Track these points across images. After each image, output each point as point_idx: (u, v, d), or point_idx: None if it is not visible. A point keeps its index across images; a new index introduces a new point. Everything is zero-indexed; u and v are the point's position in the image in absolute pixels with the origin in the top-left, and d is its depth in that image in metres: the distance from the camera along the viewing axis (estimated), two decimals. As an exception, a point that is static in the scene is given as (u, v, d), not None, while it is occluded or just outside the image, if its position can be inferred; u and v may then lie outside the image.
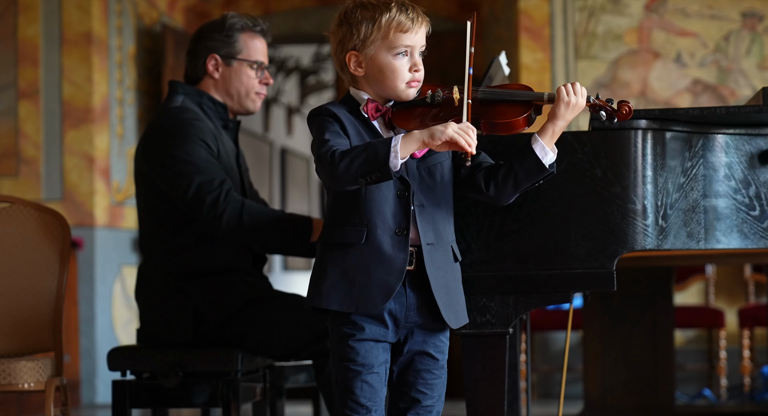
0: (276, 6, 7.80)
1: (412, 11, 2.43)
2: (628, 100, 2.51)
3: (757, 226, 2.80)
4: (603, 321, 5.20)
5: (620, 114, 2.49)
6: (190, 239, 3.37)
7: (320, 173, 2.40)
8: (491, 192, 2.47)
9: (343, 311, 2.41)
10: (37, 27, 6.55)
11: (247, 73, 3.50)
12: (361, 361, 2.41)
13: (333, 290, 2.41)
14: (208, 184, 3.28)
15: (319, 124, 2.44)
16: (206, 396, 3.31)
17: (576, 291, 2.69)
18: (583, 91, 2.48)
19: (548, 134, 2.45)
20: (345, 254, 2.41)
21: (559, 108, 2.45)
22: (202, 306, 3.34)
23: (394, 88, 2.44)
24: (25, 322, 3.41)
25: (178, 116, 3.40)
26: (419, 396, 2.48)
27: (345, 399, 2.43)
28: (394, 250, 2.40)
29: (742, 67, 6.54)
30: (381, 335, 2.43)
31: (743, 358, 6.16)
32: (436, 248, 2.44)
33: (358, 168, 2.32)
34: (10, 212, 3.46)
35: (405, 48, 2.42)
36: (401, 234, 2.41)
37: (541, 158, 2.44)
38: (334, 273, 2.42)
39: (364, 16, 2.42)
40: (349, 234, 2.40)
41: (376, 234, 2.40)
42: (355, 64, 2.45)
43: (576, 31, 6.58)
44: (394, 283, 2.39)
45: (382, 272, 2.39)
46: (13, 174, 6.53)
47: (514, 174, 2.45)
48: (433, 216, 2.45)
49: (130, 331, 6.73)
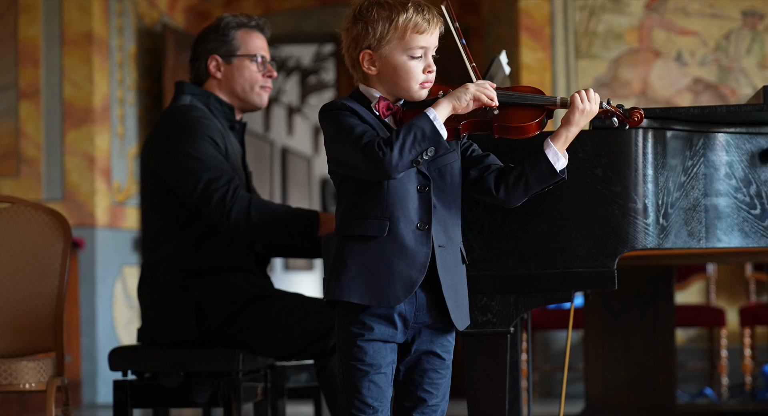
0: (276, 5, 7.80)
1: (428, 12, 2.43)
2: (639, 107, 2.51)
3: (758, 225, 2.80)
4: (604, 320, 5.20)
5: (632, 121, 2.50)
6: (194, 236, 3.38)
7: (363, 167, 2.36)
8: (501, 195, 2.47)
9: (363, 303, 2.39)
10: (37, 27, 6.55)
11: (248, 68, 3.51)
12: (369, 361, 2.41)
13: (354, 283, 2.39)
14: (216, 181, 3.29)
15: (337, 118, 2.41)
16: (207, 396, 3.31)
17: (577, 290, 2.69)
18: (597, 98, 2.48)
19: (561, 140, 2.46)
20: (366, 247, 2.39)
21: (573, 115, 2.46)
22: (205, 304, 3.34)
23: (408, 88, 2.44)
24: (27, 322, 3.41)
25: (187, 114, 3.41)
26: (425, 396, 2.48)
27: (351, 398, 2.42)
28: (416, 244, 2.40)
29: (743, 66, 6.53)
30: (390, 335, 2.42)
31: (744, 357, 6.16)
32: (447, 250, 2.44)
33: (411, 150, 2.32)
34: (11, 213, 3.47)
35: (420, 49, 2.42)
36: (423, 229, 2.40)
37: (553, 163, 2.44)
38: (355, 266, 2.39)
39: (380, 14, 2.41)
40: (372, 227, 2.39)
41: (398, 228, 2.39)
42: (368, 63, 2.44)
43: (576, 30, 6.58)
44: (416, 277, 2.39)
45: (404, 266, 2.38)
46: (14, 174, 6.53)
47: (526, 178, 2.45)
48: (444, 218, 2.45)
49: (131, 331, 6.73)
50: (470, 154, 2.53)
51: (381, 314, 2.41)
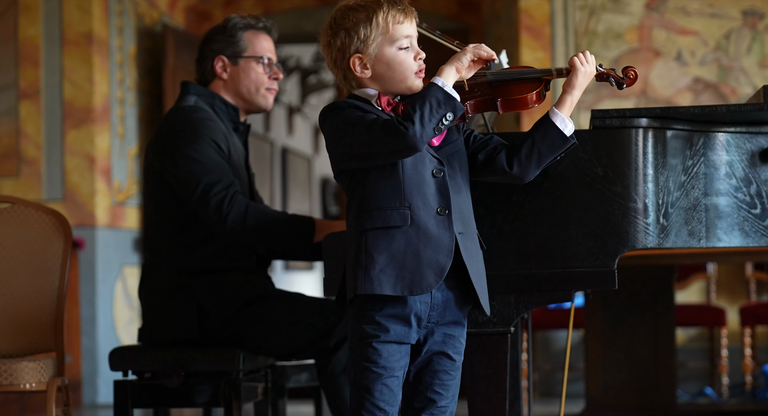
0: (276, 5, 7.80)
1: (400, 2, 2.45)
2: (633, 66, 2.57)
3: (758, 224, 2.80)
4: (604, 320, 5.20)
5: (627, 80, 2.56)
6: (196, 236, 3.38)
7: (384, 148, 2.35)
8: (515, 170, 2.49)
9: (396, 294, 2.36)
10: (37, 27, 6.55)
11: (255, 70, 3.51)
12: (384, 364, 2.39)
13: (383, 275, 2.36)
14: (215, 185, 3.28)
15: (342, 113, 2.41)
16: (208, 396, 3.31)
17: (577, 290, 2.69)
18: (593, 59, 2.53)
19: (566, 105, 2.49)
20: (391, 238, 2.38)
21: (576, 77, 2.49)
22: (206, 304, 3.34)
23: (404, 79, 2.44)
24: (27, 322, 3.41)
25: (191, 115, 3.41)
26: (435, 397, 2.47)
27: (362, 400, 2.40)
28: (439, 229, 2.39)
29: (743, 66, 6.54)
30: (404, 335, 2.40)
31: (745, 356, 6.16)
32: (466, 237, 2.44)
33: (431, 119, 2.33)
34: (11, 213, 3.47)
35: (406, 38, 2.43)
36: (443, 214, 2.40)
37: (562, 129, 2.47)
38: (382, 258, 2.37)
39: (358, 18, 2.42)
40: (393, 217, 2.38)
41: (420, 215, 2.38)
42: (360, 66, 2.44)
43: (577, 29, 6.58)
44: (445, 262, 2.38)
45: (432, 252, 2.38)
46: (14, 174, 6.53)
47: (538, 149, 2.47)
48: (459, 205, 2.44)
49: (131, 331, 6.73)
50: (473, 140, 2.55)
51: (396, 313, 2.39)
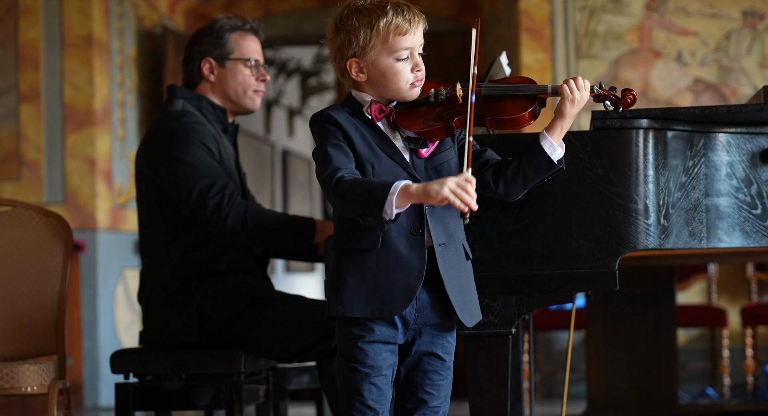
0: (277, 7, 7.80)
1: (408, 11, 2.41)
2: (631, 88, 2.53)
3: (759, 225, 2.80)
4: (606, 321, 5.20)
5: (625, 102, 2.52)
6: (193, 240, 3.38)
7: (322, 186, 2.39)
8: (500, 189, 2.47)
9: (366, 317, 2.38)
10: (37, 30, 6.56)
11: (242, 72, 3.51)
12: (370, 363, 2.40)
13: (354, 297, 2.39)
14: (211, 188, 3.28)
15: (321, 132, 2.42)
16: (209, 398, 3.31)
17: (578, 291, 2.69)
18: (587, 85, 2.48)
19: (556, 131, 2.46)
20: (362, 260, 2.39)
21: (564, 106, 2.46)
22: (206, 306, 3.34)
23: (398, 90, 2.43)
24: (28, 325, 3.41)
25: (180, 120, 3.40)
26: (426, 397, 2.47)
27: (352, 400, 2.41)
28: (410, 251, 2.39)
29: (743, 66, 6.53)
30: (390, 337, 2.41)
31: (746, 357, 6.16)
32: (448, 249, 2.43)
33: (354, 206, 2.32)
34: (12, 216, 3.46)
35: (406, 50, 2.41)
36: (416, 234, 2.39)
37: (549, 154, 2.44)
38: (353, 280, 2.39)
39: (360, 22, 2.40)
40: (365, 240, 2.38)
41: (391, 237, 2.38)
42: (356, 70, 2.43)
43: (577, 30, 6.58)
44: (415, 283, 2.38)
45: (401, 274, 2.38)
46: (14, 177, 6.53)
47: (524, 171, 2.45)
48: (443, 216, 2.43)
49: (132, 334, 6.73)
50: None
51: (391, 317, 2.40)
